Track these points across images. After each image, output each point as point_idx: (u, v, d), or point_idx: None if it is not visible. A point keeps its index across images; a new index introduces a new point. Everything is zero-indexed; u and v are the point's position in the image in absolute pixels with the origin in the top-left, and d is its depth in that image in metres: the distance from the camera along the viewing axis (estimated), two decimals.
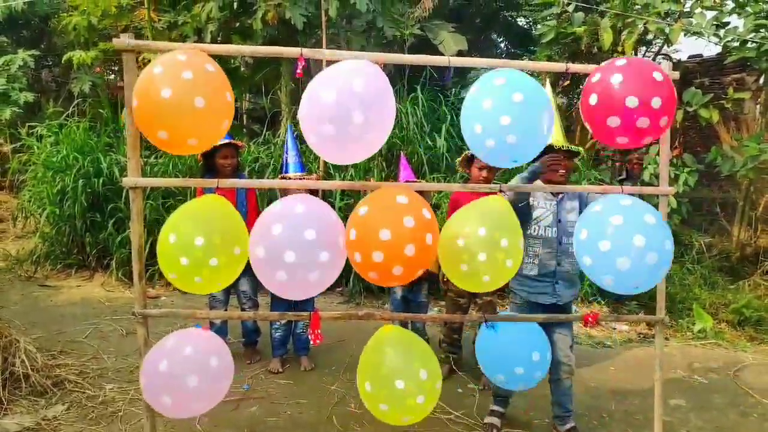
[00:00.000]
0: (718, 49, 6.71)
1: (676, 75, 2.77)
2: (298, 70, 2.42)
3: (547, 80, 2.47)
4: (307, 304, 3.86)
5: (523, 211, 2.91)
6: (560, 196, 3.09)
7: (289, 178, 3.72)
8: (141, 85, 2.17)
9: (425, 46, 8.37)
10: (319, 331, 2.52)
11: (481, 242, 2.22)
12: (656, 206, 2.56)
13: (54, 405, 3.24)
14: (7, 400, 3.14)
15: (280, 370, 3.92)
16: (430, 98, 6.99)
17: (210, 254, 2.20)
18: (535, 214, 3.08)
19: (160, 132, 2.16)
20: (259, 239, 2.18)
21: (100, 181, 5.99)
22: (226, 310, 4.01)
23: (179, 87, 2.10)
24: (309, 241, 2.12)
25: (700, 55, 8.13)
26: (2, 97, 8.93)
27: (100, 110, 6.99)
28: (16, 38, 10.61)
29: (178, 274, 2.26)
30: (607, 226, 2.25)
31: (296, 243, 2.11)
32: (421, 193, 3.73)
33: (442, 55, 7.27)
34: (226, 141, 3.72)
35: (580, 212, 2.92)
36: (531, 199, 3.04)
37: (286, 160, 3.85)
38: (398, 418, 2.38)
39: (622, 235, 2.21)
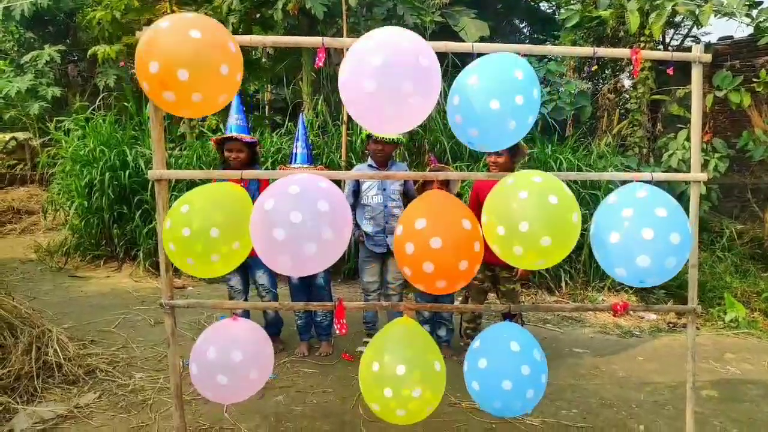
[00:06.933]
0: (750, 30, 6.50)
1: (708, 57, 2.69)
2: (320, 63, 2.41)
3: None
4: (324, 296, 3.95)
5: (355, 189, 3.99)
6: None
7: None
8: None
9: (446, 33, 8.28)
10: (344, 321, 2.52)
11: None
12: (686, 192, 2.50)
13: (86, 393, 3.31)
14: (41, 389, 3.22)
15: (306, 353, 4.03)
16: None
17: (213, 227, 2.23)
18: (364, 187, 3.97)
19: (152, 62, 2.03)
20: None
21: (127, 173, 6.08)
22: (246, 299, 4.08)
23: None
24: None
25: (731, 37, 7.89)
26: (31, 93, 9.13)
27: (125, 104, 7.08)
28: (42, 34, 10.79)
29: (194, 259, 2.28)
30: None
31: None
32: (446, 183, 3.75)
33: (464, 42, 7.19)
34: (228, 135, 3.74)
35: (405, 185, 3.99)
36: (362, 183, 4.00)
37: (295, 150, 3.87)
38: (393, 413, 2.32)
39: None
